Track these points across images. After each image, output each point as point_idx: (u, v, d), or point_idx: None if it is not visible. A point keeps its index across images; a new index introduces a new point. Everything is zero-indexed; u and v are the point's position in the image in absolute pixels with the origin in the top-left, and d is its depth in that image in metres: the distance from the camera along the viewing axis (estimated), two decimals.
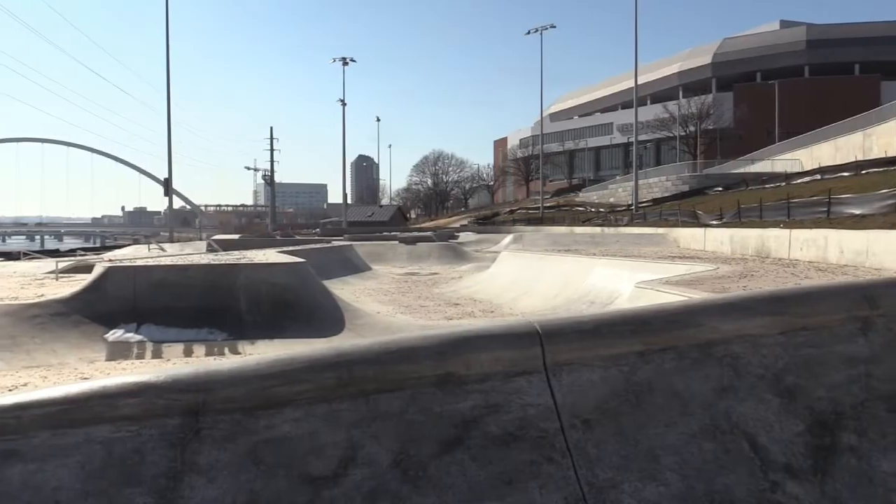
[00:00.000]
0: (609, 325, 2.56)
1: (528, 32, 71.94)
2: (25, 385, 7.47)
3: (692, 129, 77.47)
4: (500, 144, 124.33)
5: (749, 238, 22.91)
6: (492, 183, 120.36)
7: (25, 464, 1.99)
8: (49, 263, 19.56)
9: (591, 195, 79.66)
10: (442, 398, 2.26)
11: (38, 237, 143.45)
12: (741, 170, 60.67)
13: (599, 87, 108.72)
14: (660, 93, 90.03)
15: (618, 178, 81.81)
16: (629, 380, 2.43)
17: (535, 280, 16.04)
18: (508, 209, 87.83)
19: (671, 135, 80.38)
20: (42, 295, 11.41)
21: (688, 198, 52.72)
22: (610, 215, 56.81)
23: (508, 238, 36.84)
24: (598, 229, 44.00)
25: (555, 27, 71.48)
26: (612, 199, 70.37)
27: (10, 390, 7.09)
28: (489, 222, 73.96)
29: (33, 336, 9.59)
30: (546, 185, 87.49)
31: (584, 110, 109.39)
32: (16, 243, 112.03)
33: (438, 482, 2.11)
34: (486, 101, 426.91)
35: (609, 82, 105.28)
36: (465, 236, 45.64)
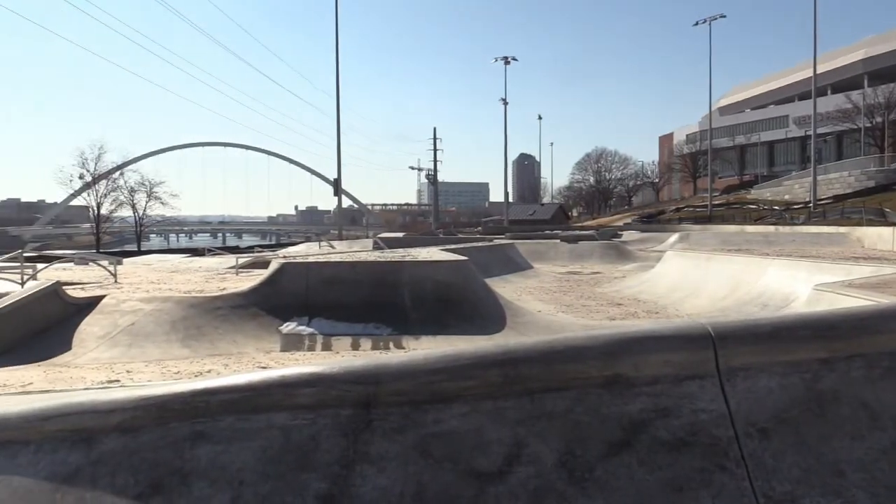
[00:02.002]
0: (789, 328, 2.41)
1: (696, 23, 69.69)
2: (209, 372, 8.00)
3: (879, 120, 71.66)
4: (666, 140, 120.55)
5: None
6: (657, 180, 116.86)
7: (212, 445, 2.13)
8: (230, 259, 20.92)
9: (763, 192, 75.88)
10: (609, 399, 2.21)
11: (220, 235, 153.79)
12: None
13: (773, 78, 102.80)
14: (841, 82, 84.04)
15: (794, 173, 77.33)
16: (811, 388, 2.29)
17: (702, 280, 15.44)
18: (674, 207, 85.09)
19: (855, 127, 74.66)
20: (224, 288, 12.18)
21: (874, 194, 49.24)
22: (785, 213, 53.86)
23: (674, 237, 35.69)
24: (771, 228, 41.75)
25: (724, 17, 68.52)
26: (787, 196, 66.71)
27: (196, 376, 7.65)
28: (654, 221, 71.90)
29: (216, 326, 10.29)
30: (715, 182, 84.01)
31: (757, 103, 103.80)
32: (201, 240, 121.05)
33: (605, 485, 2.06)
34: (650, 96, 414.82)
35: (784, 73, 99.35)
36: (628, 235, 44.64)
